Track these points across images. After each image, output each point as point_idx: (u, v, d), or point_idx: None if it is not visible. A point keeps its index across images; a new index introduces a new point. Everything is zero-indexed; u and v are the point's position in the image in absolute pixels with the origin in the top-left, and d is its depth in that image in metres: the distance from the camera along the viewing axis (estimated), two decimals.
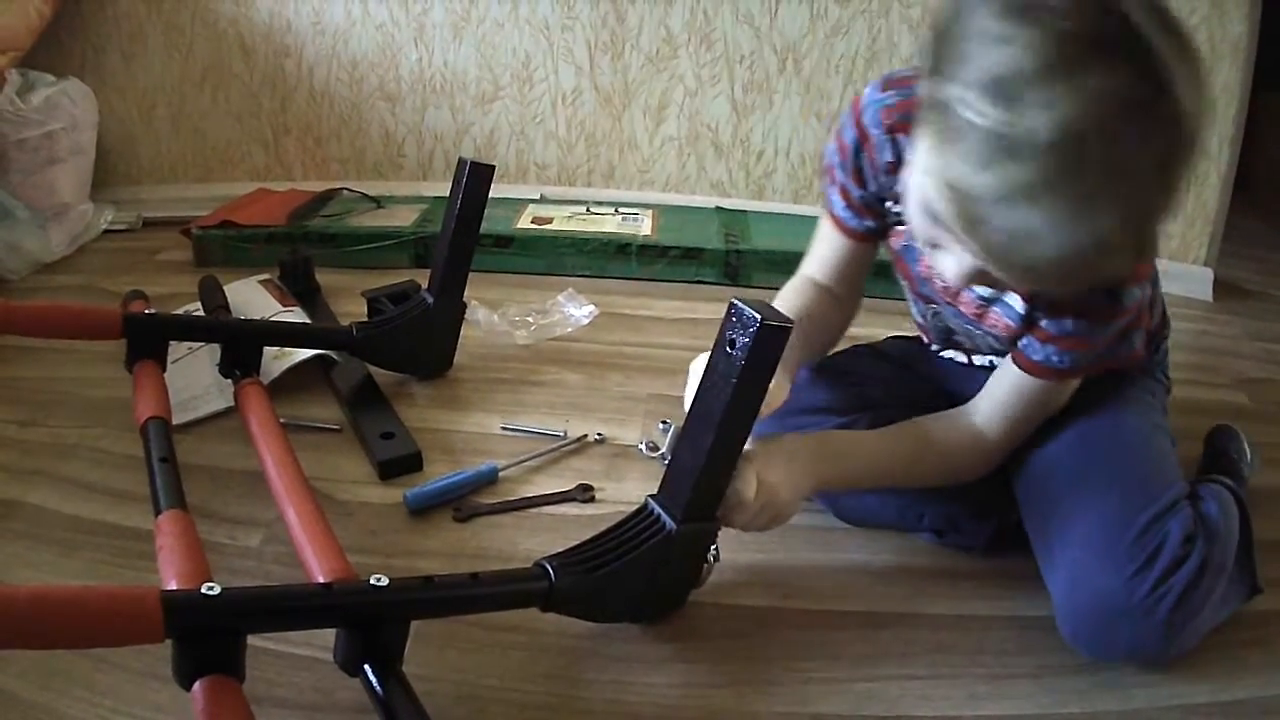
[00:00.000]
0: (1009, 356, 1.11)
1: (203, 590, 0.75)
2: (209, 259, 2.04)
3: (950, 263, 0.89)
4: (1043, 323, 1.05)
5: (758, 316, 0.87)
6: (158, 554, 0.92)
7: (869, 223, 1.18)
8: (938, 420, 1.16)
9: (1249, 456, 1.37)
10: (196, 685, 0.74)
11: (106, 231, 2.21)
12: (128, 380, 1.30)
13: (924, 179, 0.82)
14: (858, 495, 1.22)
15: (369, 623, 0.82)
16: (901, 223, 1.14)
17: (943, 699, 1.00)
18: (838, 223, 1.20)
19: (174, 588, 0.84)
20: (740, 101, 2.30)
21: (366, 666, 0.82)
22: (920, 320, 1.30)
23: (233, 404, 1.37)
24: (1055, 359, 1.06)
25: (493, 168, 1.49)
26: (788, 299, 1.21)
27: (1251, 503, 1.17)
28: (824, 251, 1.25)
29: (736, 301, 0.90)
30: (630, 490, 1.32)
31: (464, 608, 0.92)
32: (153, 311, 1.45)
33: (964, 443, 1.14)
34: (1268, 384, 1.82)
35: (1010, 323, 1.08)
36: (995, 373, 1.14)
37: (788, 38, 2.23)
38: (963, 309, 1.14)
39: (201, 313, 1.63)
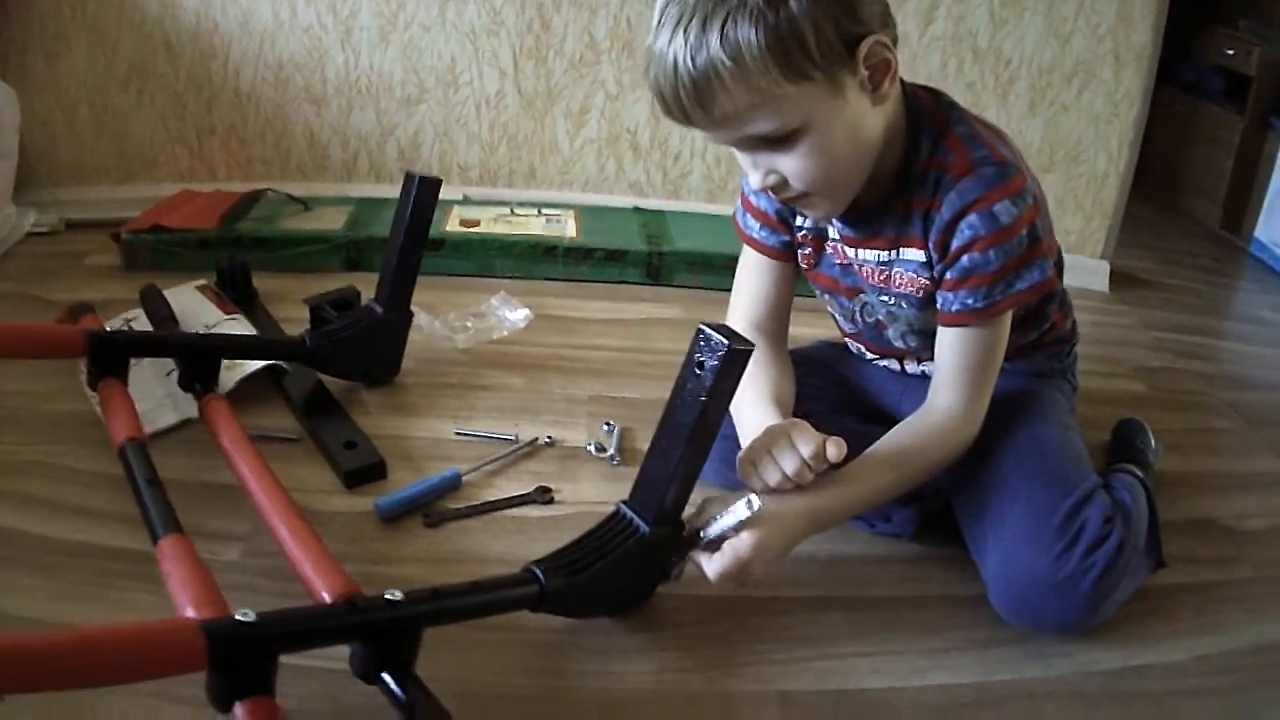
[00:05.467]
0: (939, 328, 1.17)
1: (238, 617, 0.80)
2: (138, 263, 2.02)
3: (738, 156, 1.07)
4: (945, 274, 1.13)
5: (725, 341, 0.97)
6: (165, 581, 0.94)
7: (785, 237, 1.26)
8: (908, 428, 1.18)
9: (1153, 445, 1.52)
10: (238, 708, 0.78)
11: (29, 234, 2.16)
12: (81, 394, 1.30)
13: None
14: None
15: (388, 635, 0.89)
16: (808, 233, 1.24)
17: (891, 671, 1.11)
18: (759, 246, 1.29)
19: (192, 614, 0.87)
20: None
21: (384, 675, 0.88)
22: (850, 328, 1.35)
23: (188, 416, 1.40)
24: (970, 300, 1.12)
25: (440, 181, 1.54)
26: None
27: (1154, 486, 1.32)
28: (754, 285, 1.31)
29: (704, 327, 0.99)
30: (585, 490, 1.39)
31: (470, 614, 0.98)
32: (118, 329, 1.45)
33: (941, 434, 1.17)
34: (1164, 372, 1.98)
35: (914, 275, 1.16)
36: (936, 349, 1.18)
37: None
38: (870, 280, 1.21)
39: (143, 320, 1.64)
